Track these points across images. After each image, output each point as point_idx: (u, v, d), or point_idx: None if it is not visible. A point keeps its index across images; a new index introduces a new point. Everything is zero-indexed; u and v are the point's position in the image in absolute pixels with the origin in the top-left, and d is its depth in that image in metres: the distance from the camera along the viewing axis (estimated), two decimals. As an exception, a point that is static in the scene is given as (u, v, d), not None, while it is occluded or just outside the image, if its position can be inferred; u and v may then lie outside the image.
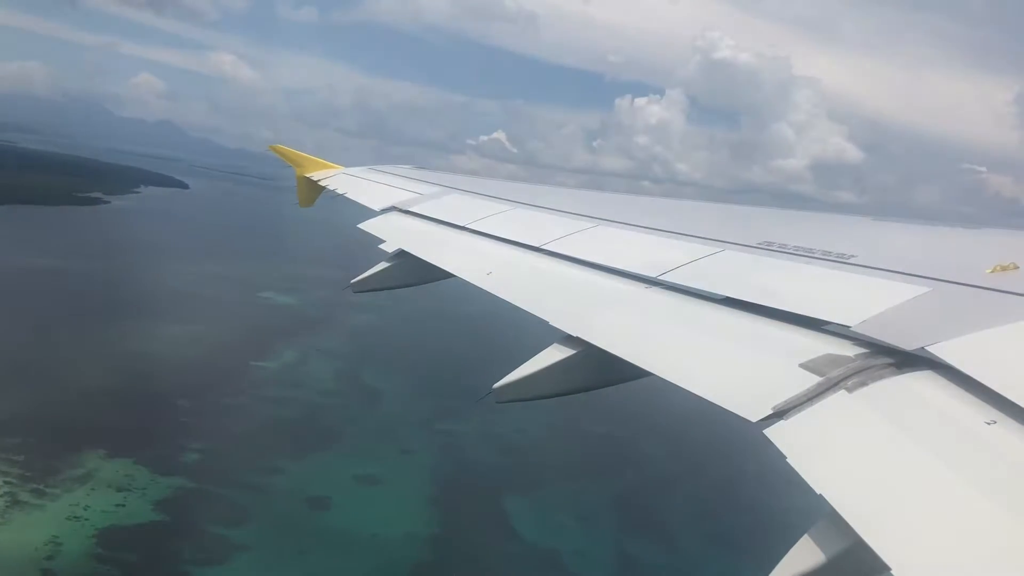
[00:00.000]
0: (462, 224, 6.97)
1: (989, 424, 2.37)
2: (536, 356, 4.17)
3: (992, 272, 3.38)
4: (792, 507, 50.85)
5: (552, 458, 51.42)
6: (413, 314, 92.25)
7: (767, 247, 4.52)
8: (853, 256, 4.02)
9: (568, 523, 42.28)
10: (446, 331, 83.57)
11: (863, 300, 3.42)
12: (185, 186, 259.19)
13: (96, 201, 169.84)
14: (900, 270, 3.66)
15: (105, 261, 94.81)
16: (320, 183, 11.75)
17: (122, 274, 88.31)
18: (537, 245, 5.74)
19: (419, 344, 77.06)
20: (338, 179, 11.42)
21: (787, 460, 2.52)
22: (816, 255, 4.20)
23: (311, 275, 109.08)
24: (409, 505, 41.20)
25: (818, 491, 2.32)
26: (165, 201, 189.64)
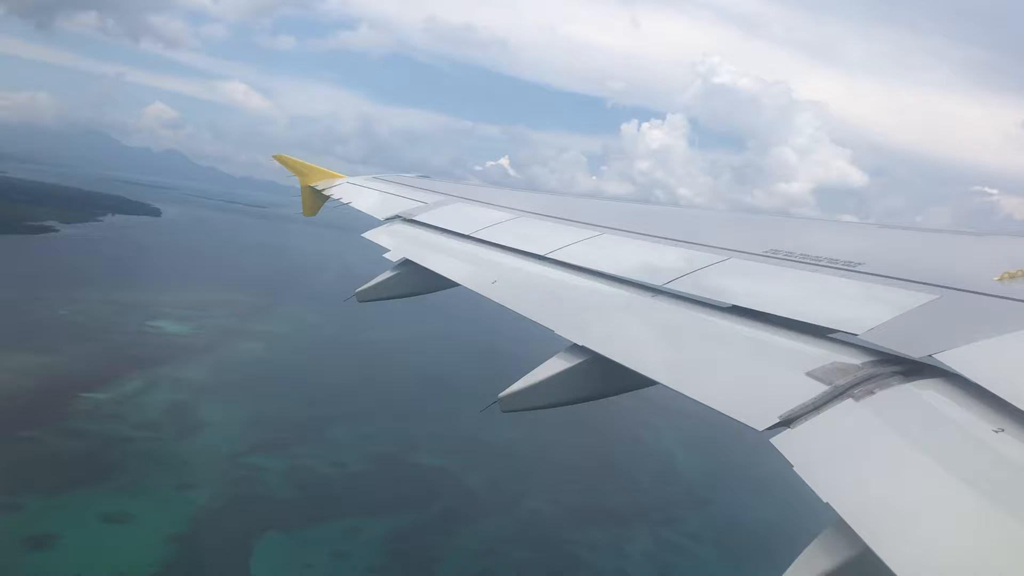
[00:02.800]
0: (467, 233, 6.95)
1: (997, 432, 2.37)
2: (541, 365, 4.16)
3: (1000, 279, 3.38)
4: (598, 545, 48.89)
5: (354, 493, 49.55)
6: (313, 342, 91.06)
7: (773, 255, 4.53)
8: (860, 264, 4.03)
9: (318, 562, 40.17)
10: (335, 360, 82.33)
11: (870, 308, 3.43)
12: (157, 213, 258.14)
13: (45, 230, 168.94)
14: (907, 278, 3.66)
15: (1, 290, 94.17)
16: (324, 192, 11.70)
17: (9, 303, 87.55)
18: (542, 254, 5.74)
19: (292, 374, 75.50)
20: (342, 188, 11.37)
21: (793, 469, 2.51)
22: (823, 263, 4.20)
23: (225, 302, 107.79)
24: (146, 544, 38.93)
25: (825, 500, 2.32)
26: (122, 229, 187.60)
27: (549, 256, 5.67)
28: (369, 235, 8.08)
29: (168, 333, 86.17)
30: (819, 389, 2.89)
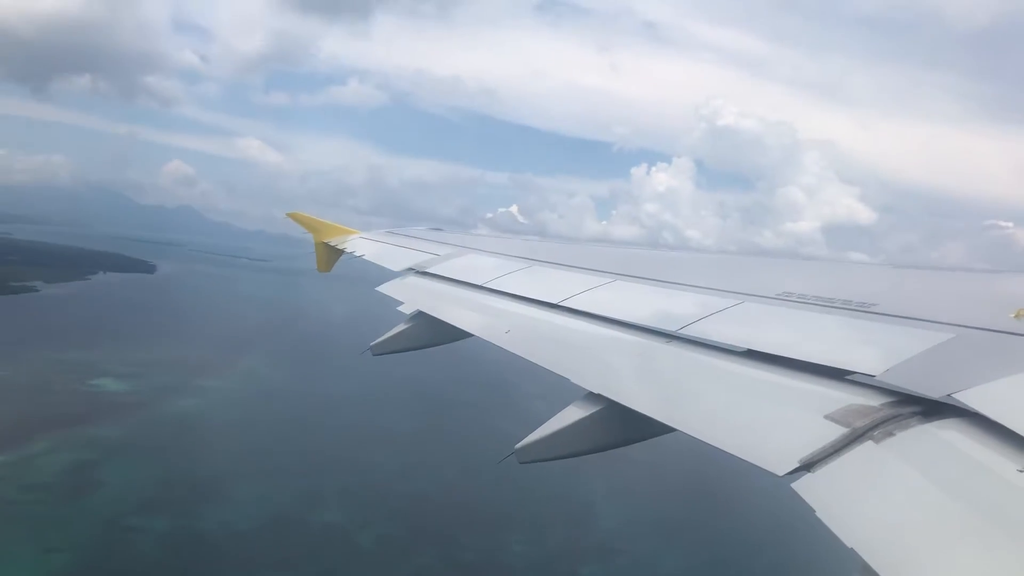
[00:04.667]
0: (479, 283, 7.05)
1: (1022, 471, 2.33)
2: (558, 415, 4.17)
3: (1016, 316, 3.39)
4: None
5: (228, 554, 47.30)
6: (261, 397, 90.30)
7: (786, 298, 4.56)
8: (874, 304, 4.03)
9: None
10: (275, 416, 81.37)
11: (886, 348, 3.42)
12: (151, 270, 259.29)
13: (27, 289, 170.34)
14: (922, 317, 3.68)
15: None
16: (338, 248, 12.03)
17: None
18: (555, 302, 5.79)
19: (219, 432, 74.41)
20: (355, 243, 11.74)
21: (816, 514, 2.49)
22: (836, 304, 4.22)
23: (184, 358, 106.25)
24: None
25: (849, 545, 2.30)
26: (107, 287, 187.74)
27: (562, 304, 5.70)
28: (383, 288, 8.24)
29: (106, 391, 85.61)
30: (838, 432, 2.87)
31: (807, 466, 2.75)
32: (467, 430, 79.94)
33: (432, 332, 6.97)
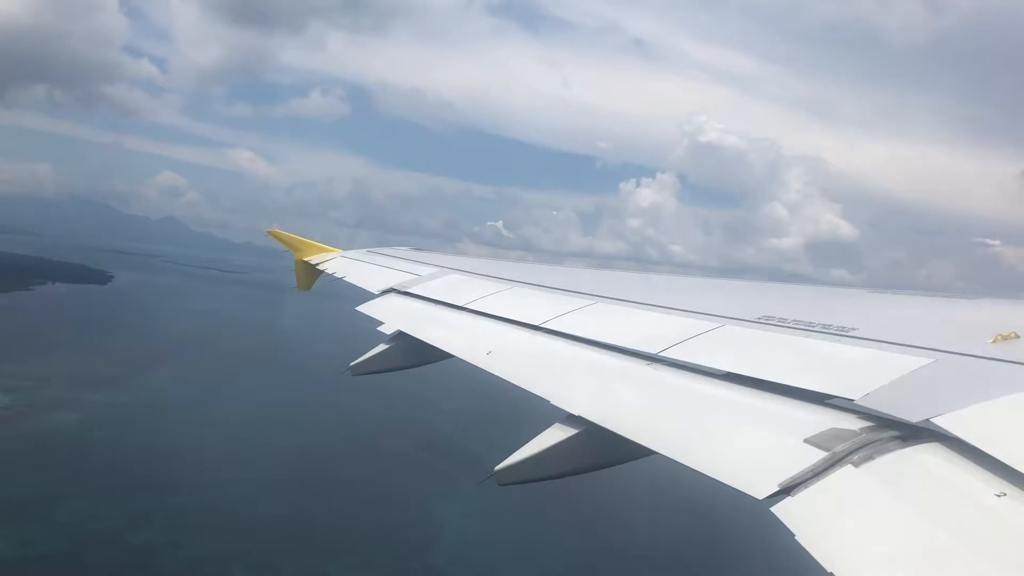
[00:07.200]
0: (461, 304, 7.10)
1: (999, 496, 2.37)
2: (538, 437, 4.19)
3: (994, 342, 3.48)
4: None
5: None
6: (146, 414, 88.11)
7: (767, 321, 4.63)
8: (854, 329, 4.11)
9: None
10: (151, 434, 79.57)
11: (866, 373, 3.48)
12: (104, 281, 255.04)
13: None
14: (901, 342, 3.76)
15: None
16: (318, 267, 12.08)
17: None
18: (537, 323, 5.84)
19: (79, 448, 72.96)
20: (336, 262, 11.78)
21: (796, 538, 2.51)
22: (816, 328, 4.29)
23: (85, 371, 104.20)
24: None
25: (829, 569, 2.33)
26: (47, 298, 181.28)
27: (544, 326, 5.74)
28: (363, 308, 8.24)
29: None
30: (818, 456, 2.90)
31: (787, 490, 2.76)
32: (353, 448, 78.38)
33: (412, 353, 6.95)
